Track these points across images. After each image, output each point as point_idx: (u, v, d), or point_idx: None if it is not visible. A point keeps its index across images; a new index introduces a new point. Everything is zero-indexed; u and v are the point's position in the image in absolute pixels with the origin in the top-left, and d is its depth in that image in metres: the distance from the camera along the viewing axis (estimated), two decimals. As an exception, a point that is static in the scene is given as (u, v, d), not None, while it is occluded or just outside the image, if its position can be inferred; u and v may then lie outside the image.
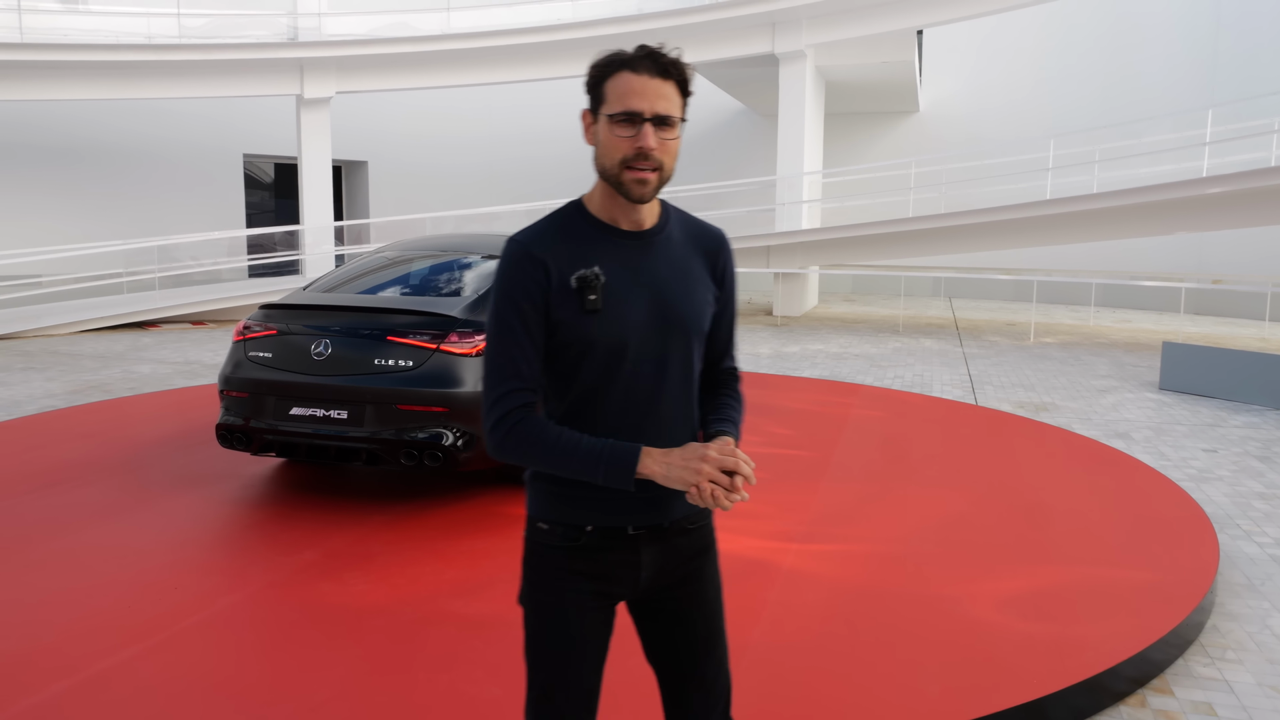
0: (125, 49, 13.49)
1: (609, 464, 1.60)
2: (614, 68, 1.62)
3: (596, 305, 1.64)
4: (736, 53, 16.26)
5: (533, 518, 1.78)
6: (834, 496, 5.25)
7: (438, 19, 16.20)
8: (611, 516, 1.72)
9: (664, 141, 1.64)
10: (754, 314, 16.81)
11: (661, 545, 1.77)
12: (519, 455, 1.64)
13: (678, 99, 1.65)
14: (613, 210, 1.71)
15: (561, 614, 1.74)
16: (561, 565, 1.74)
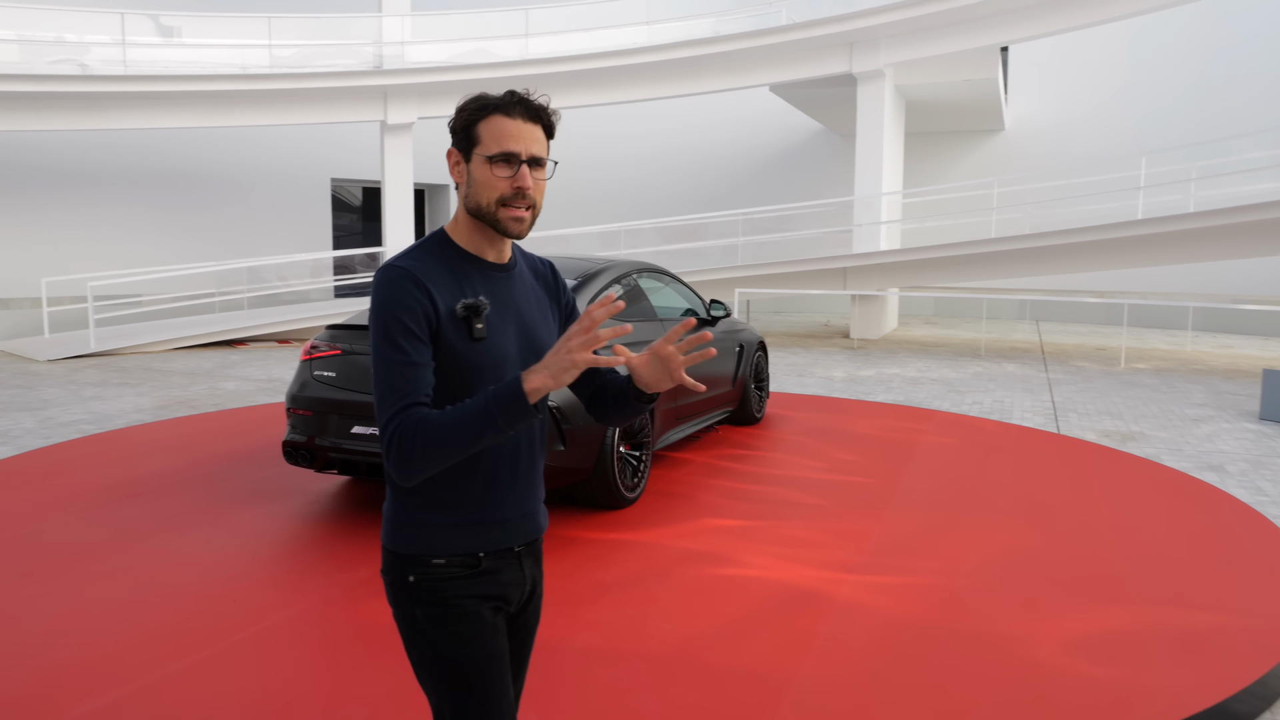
0: (220, 79, 14.11)
1: (499, 405, 1.57)
2: (487, 111, 1.70)
3: (483, 334, 1.69)
4: (813, 73, 16.14)
5: (420, 557, 1.74)
6: (897, 526, 5.09)
7: (516, 45, 16.51)
8: (503, 538, 1.79)
9: (537, 181, 1.73)
10: (830, 337, 16.56)
11: (533, 559, 1.88)
12: (420, 454, 1.60)
13: (545, 142, 1.74)
14: (480, 243, 1.77)
15: (479, 636, 1.76)
16: (465, 592, 1.76)
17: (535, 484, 1.86)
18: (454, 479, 1.74)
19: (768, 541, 4.80)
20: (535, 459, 1.85)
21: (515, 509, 1.80)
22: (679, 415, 6.27)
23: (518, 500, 1.80)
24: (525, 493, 1.82)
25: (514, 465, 1.79)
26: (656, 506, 5.44)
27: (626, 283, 6.17)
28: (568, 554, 4.59)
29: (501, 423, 1.58)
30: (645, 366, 1.76)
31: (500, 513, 1.78)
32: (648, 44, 16.27)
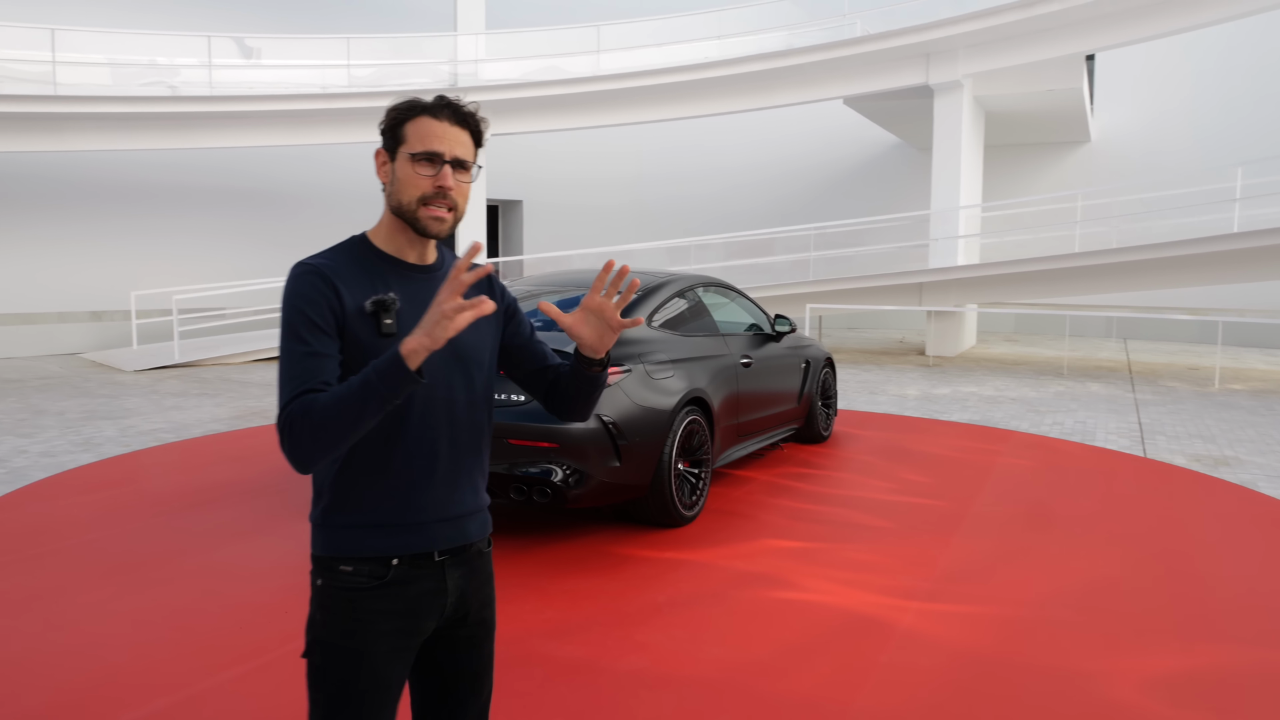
0: (301, 99, 14.50)
1: (379, 371, 1.53)
2: (415, 112, 1.72)
3: (393, 329, 1.68)
4: (888, 85, 15.84)
5: (330, 560, 1.72)
6: (966, 552, 4.86)
7: (588, 61, 16.60)
8: (419, 542, 1.74)
9: (459, 184, 1.73)
10: (904, 354, 16.17)
11: (463, 569, 1.81)
12: (308, 436, 1.56)
13: (473, 147, 1.76)
14: (400, 245, 1.77)
15: (370, 660, 1.70)
16: (368, 607, 1.71)
17: (462, 488, 1.79)
18: (366, 478, 1.71)
19: (828, 564, 4.63)
20: (461, 461, 1.79)
21: (434, 513, 1.75)
22: (740, 432, 6.13)
23: (437, 503, 1.75)
24: (448, 496, 1.77)
25: (431, 466, 1.74)
26: (715, 525, 5.31)
27: (688, 297, 6.07)
28: (621, 572, 4.49)
29: (383, 389, 1.52)
30: (582, 325, 1.77)
31: (414, 515, 1.73)
32: (719, 58, 16.19)
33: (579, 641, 3.68)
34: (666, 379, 5.17)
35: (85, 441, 7.84)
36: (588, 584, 4.33)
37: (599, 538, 5.03)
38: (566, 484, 4.66)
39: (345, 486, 1.72)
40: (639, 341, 5.23)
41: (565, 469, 4.66)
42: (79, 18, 14.63)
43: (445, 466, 1.77)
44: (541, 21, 18.52)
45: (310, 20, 17.49)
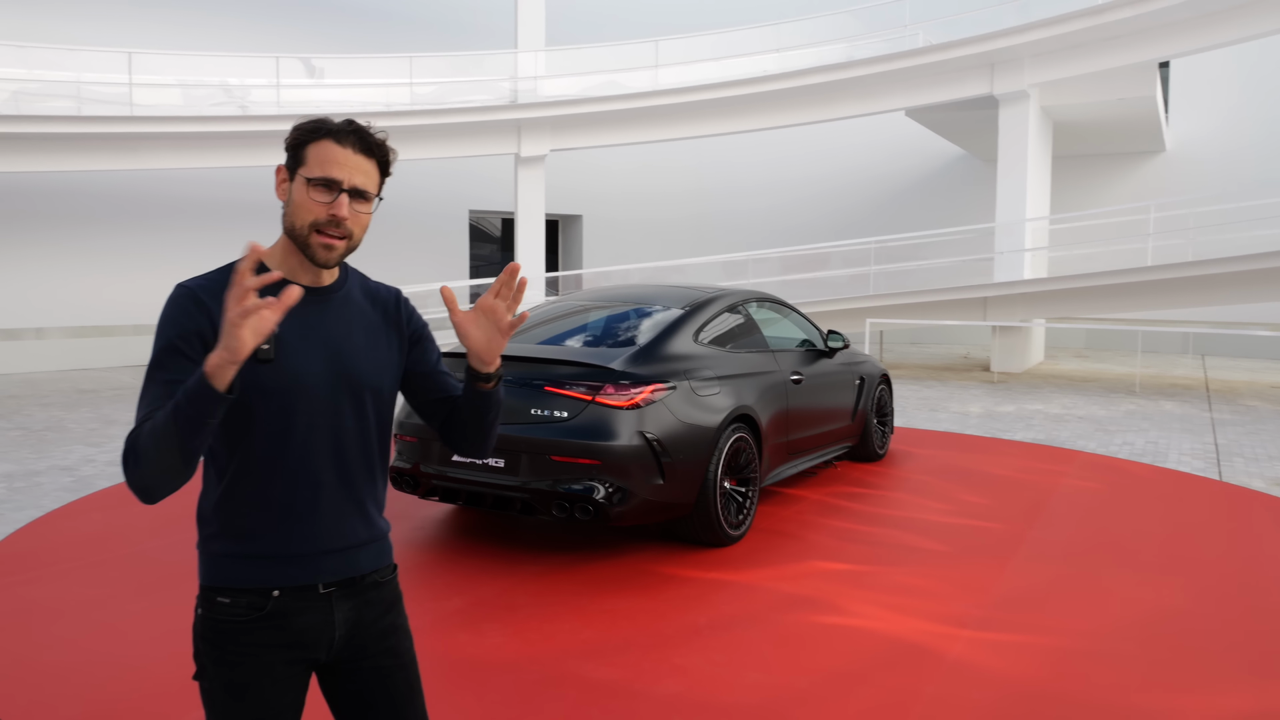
0: (364, 116, 14.69)
1: (187, 397, 1.45)
2: (319, 135, 1.67)
3: (269, 355, 1.59)
4: (951, 96, 15.55)
5: (210, 590, 1.68)
6: (1023, 578, 4.67)
7: (646, 76, 16.63)
8: (301, 574, 1.69)
9: (356, 213, 1.68)
10: (968, 370, 15.79)
11: (354, 601, 1.74)
12: (138, 464, 1.51)
13: (377, 177, 1.71)
14: (293, 266, 1.72)
15: (254, 690, 1.66)
16: (247, 640, 1.66)
17: (350, 517, 1.73)
18: (246, 507, 1.67)
19: (877, 589, 4.49)
20: (351, 490, 1.73)
21: (317, 544, 1.69)
22: (791, 450, 6.01)
23: (321, 534, 1.70)
24: (333, 526, 1.71)
25: (314, 496, 1.69)
26: (762, 545, 5.20)
27: (737, 312, 5.98)
28: (662, 592, 4.42)
29: (190, 410, 1.45)
30: (472, 324, 1.71)
31: (297, 546, 1.68)
32: (778, 71, 16.08)
33: (615, 663, 3.62)
34: (712, 396, 5.09)
35: (150, 452, 8.04)
36: (628, 604, 4.27)
37: (642, 556, 4.96)
38: (609, 501, 4.61)
39: (227, 515, 1.68)
40: (685, 358, 5.17)
41: (608, 486, 4.61)
42: (155, 41, 15.17)
43: (331, 496, 1.71)
44: (601, 37, 18.63)
45: (375, 39, 17.87)
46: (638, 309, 5.68)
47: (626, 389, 4.71)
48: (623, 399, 4.68)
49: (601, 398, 4.68)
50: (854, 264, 16.65)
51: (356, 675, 1.77)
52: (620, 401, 4.67)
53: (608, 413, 4.66)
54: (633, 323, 5.49)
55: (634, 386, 4.73)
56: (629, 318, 5.58)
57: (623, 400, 4.68)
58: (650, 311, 5.60)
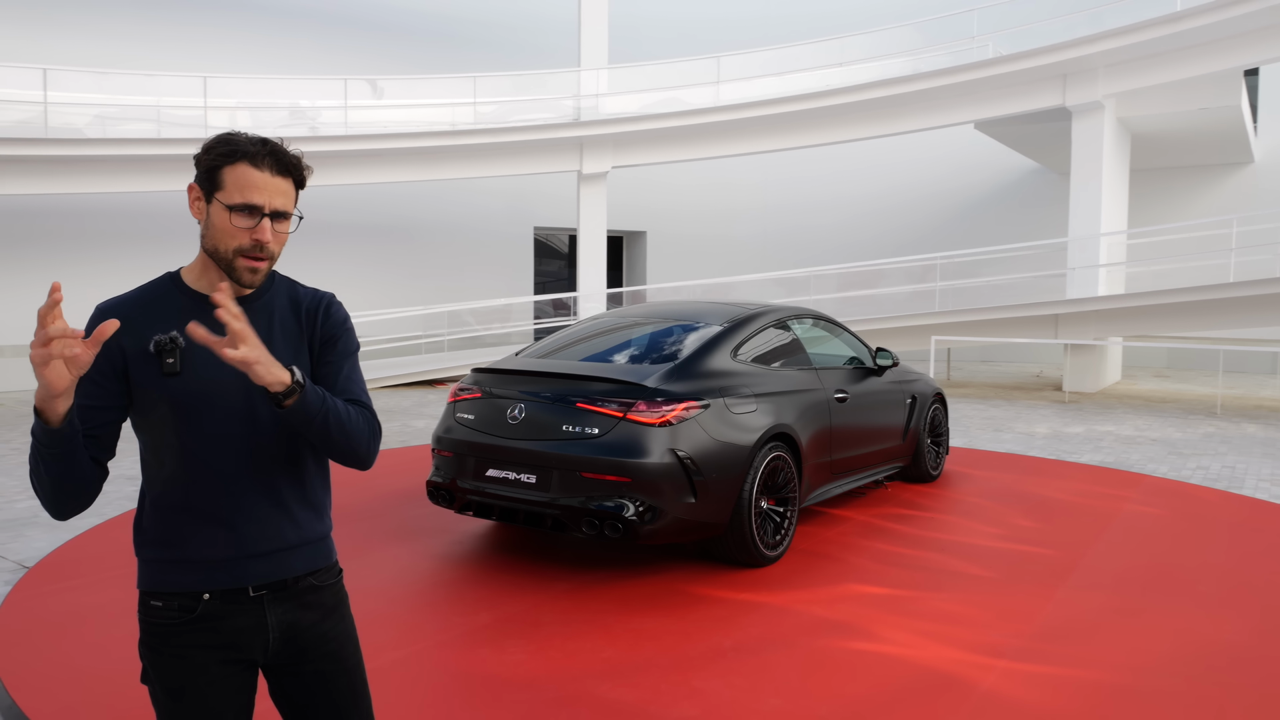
0: (430, 136, 15.10)
1: (34, 431, 1.55)
2: (235, 158, 1.67)
3: (174, 369, 1.67)
4: (1021, 108, 15.18)
5: (145, 595, 1.75)
6: (1069, 607, 4.47)
7: (707, 92, 16.63)
8: (228, 578, 1.72)
9: (278, 234, 1.72)
10: (1039, 389, 15.31)
11: (288, 604, 1.77)
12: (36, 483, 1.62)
13: (293, 194, 1.74)
14: (212, 281, 1.76)
15: (191, 690, 1.70)
16: (181, 642, 1.71)
17: (275, 522, 1.76)
18: (169, 515, 1.72)
19: (913, 615, 4.35)
20: (273, 495, 1.75)
21: (243, 548, 1.73)
22: (834, 470, 5.88)
23: (246, 539, 1.73)
24: (259, 532, 1.74)
25: (235, 502, 1.72)
26: (799, 567, 5.09)
27: (780, 329, 5.90)
28: (690, 613, 4.35)
29: (37, 444, 1.55)
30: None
31: (221, 551, 1.72)
32: (842, 85, 15.91)
33: (633, 684, 3.57)
34: (748, 414, 5.01)
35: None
36: (654, 623, 4.21)
37: (674, 576, 4.90)
38: (639, 519, 4.57)
39: (155, 522, 1.74)
40: (721, 375, 5.10)
41: (638, 504, 4.57)
42: (230, 65, 15.75)
43: (254, 501, 1.73)
44: (662, 54, 18.70)
45: (440, 60, 18.25)
46: (678, 325, 5.64)
47: (658, 406, 4.67)
48: (654, 416, 4.64)
49: (633, 415, 4.65)
50: (919, 280, 16.33)
51: (298, 678, 1.80)
52: (651, 419, 4.63)
53: (639, 430, 4.62)
54: (671, 339, 5.45)
55: (666, 404, 4.69)
56: (668, 334, 5.54)
57: (654, 417, 4.64)
58: (690, 328, 5.56)
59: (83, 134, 13.36)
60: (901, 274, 16.83)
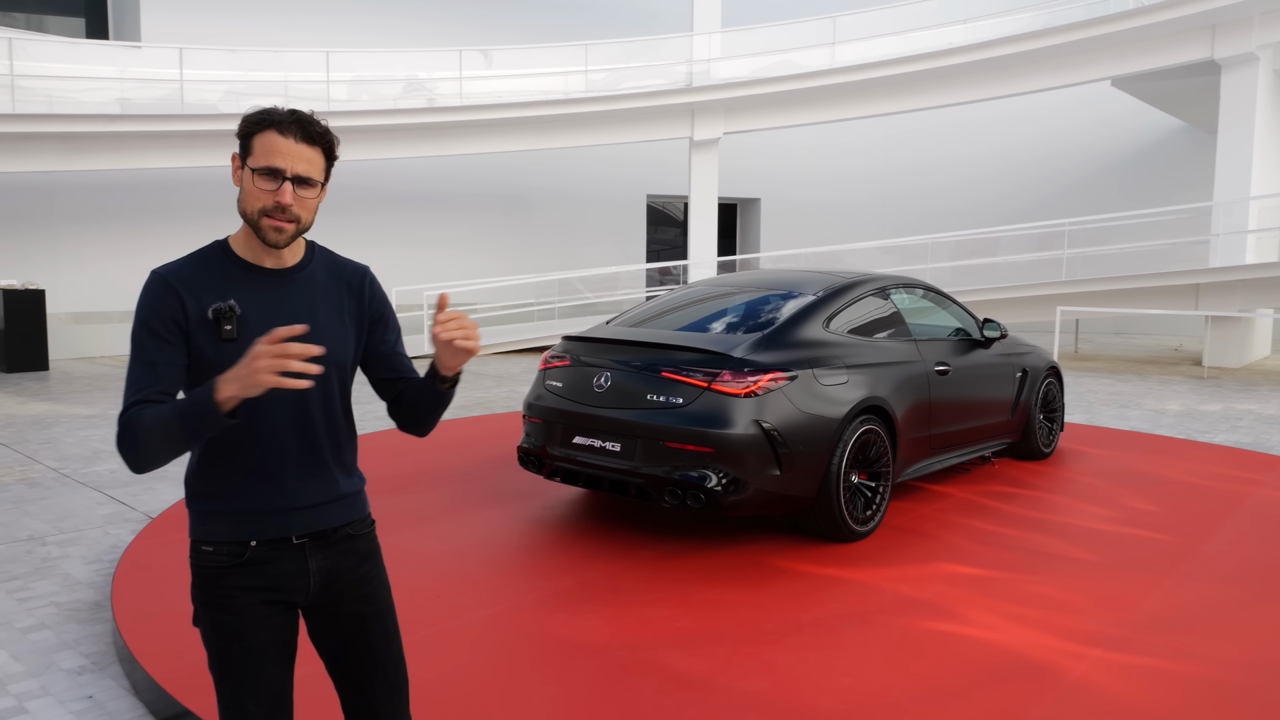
0: (542, 105, 15.25)
1: (191, 410, 1.64)
2: (263, 126, 1.77)
3: (232, 335, 1.77)
4: (1164, 63, 14.17)
5: (196, 541, 1.87)
6: (1178, 596, 4.21)
7: (823, 54, 16.16)
8: (274, 527, 1.85)
9: (302, 199, 1.79)
10: (1176, 364, 14.40)
11: (327, 551, 1.91)
12: (133, 449, 1.70)
13: (321, 163, 1.81)
14: (256, 250, 1.85)
15: (239, 628, 1.84)
16: (231, 583, 1.84)
17: (317, 477, 1.89)
18: (221, 470, 1.84)
19: (1004, 598, 4.18)
20: (316, 453, 1.88)
21: (288, 501, 1.86)
22: (934, 445, 5.69)
23: (289, 494, 1.86)
24: (301, 487, 1.87)
25: (281, 460, 1.85)
26: (889, 542, 4.96)
27: (878, 299, 5.72)
28: (771, 585, 4.30)
29: (195, 425, 1.64)
30: (442, 344, 1.83)
31: (266, 504, 1.84)
32: (966, 43, 15.20)
33: (704, 655, 3.56)
34: (838, 386, 4.89)
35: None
36: (732, 595, 4.19)
37: (758, 548, 4.85)
38: (723, 490, 4.53)
39: (204, 477, 1.86)
40: (812, 345, 4.99)
41: (721, 475, 4.54)
42: (351, 40, 16.26)
43: (298, 459, 1.86)
44: (776, 16, 18.26)
45: (553, 28, 18.35)
46: (772, 294, 5.54)
47: (743, 376, 4.61)
48: (739, 386, 4.58)
49: (718, 385, 4.61)
50: (1043, 247, 15.54)
51: (335, 620, 1.95)
52: (736, 389, 4.58)
53: (723, 400, 4.58)
54: (763, 309, 5.36)
55: (751, 374, 4.62)
56: (761, 303, 5.45)
57: (739, 388, 4.58)
58: (783, 297, 5.45)
59: (216, 109, 14.08)
60: (1024, 241, 16.07)
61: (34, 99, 13.02)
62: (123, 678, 3.53)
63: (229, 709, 1.89)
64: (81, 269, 14.40)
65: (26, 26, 15.39)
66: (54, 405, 9.72)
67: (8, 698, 3.37)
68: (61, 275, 14.17)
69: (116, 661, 3.67)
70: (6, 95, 12.70)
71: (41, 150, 12.77)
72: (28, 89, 13.00)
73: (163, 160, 13.58)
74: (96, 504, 5.90)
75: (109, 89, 13.78)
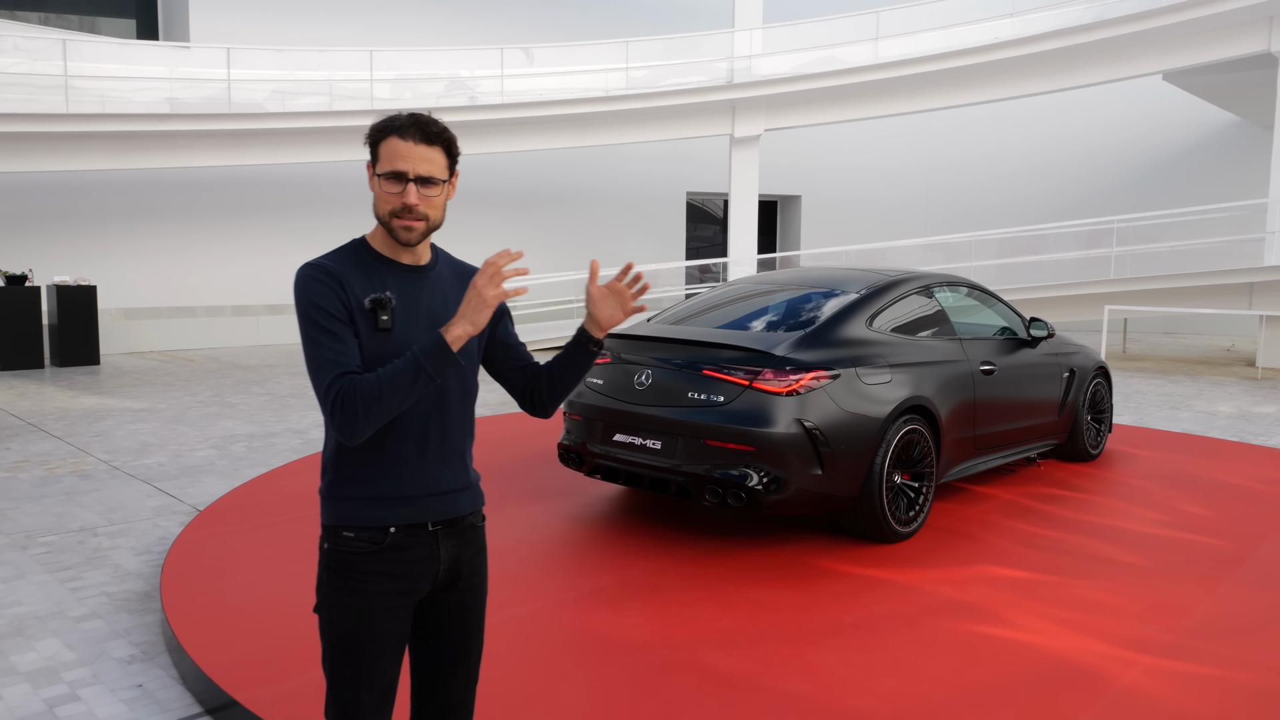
0: (583, 102, 15.27)
1: (426, 355, 1.78)
2: (386, 133, 1.88)
3: (388, 325, 1.88)
4: (1218, 56, 13.83)
5: (334, 528, 1.94)
6: (1233, 603, 4.11)
7: (865, 50, 15.98)
8: (413, 514, 1.93)
9: (427, 198, 1.89)
10: (1229, 364, 14.06)
11: (456, 539, 2.00)
12: (361, 411, 1.78)
13: (443, 161, 1.91)
14: (393, 247, 1.96)
15: (368, 614, 1.90)
16: (367, 569, 1.91)
17: (450, 466, 1.99)
18: (364, 457, 1.91)
19: (1051, 601, 4.10)
20: (451, 442, 1.98)
21: (424, 487, 1.94)
22: (978, 446, 5.61)
23: (427, 479, 1.95)
24: (436, 473, 1.96)
25: (421, 446, 1.94)
26: (933, 544, 4.90)
27: (922, 298, 5.64)
28: (812, 586, 4.27)
29: (430, 369, 1.77)
30: (603, 299, 2.01)
31: (407, 489, 1.93)
32: (1013, 37, 14.96)
33: (745, 654, 3.54)
34: (881, 385, 4.83)
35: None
36: (774, 595, 4.16)
37: (800, 548, 4.82)
38: (764, 489, 4.50)
39: (346, 464, 1.93)
40: (855, 344, 4.94)
41: (762, 474, 4.51)
42: (394, 39, 16.41)
43: (435, 447, 1.96)
44: (819, 11, 18.11)
45: (593, 24, 18.36)
46: (814, 292, 5.49)
47: (785, 375, 4.57)
48: (780, 385, 4.55)
49: (759, 383, 4.57)
50: (1091, 245, 15.25)
51: (442, 605, 2.03)
52: (778, 387, 4.55)
53: (765, 398, 4.55)
54: (805, 307, 5.32)
55: (793, 373, 4.58)
56: (803, 301, 5.41)
57: (780, 386, 4.55)
58: (825, 295, 5.40)
59: (263, 108, 14.29)
60: (1071, 239, 15.78)
61: (87, 99, 13.30)
62: (171, 667, 3.59)
63: (342, 696, 1.94)
64: (131, 265, 14.70)
65: (79, 28, 15.74)
66: (105, 399, 9.94)
67: (60, 685, 3.44)
68: (112, 271, 14.48)
69: (165, 651, 3.73)
70: (61, 96, 12.99)
71: (94, 149, 13.05)
72: (81, 89, 13.28)
73: (211, 159, 13.82)
74: (146, 496, 6.02)
75: (159, 89, 14.04)
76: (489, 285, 1.77)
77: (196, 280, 15.28)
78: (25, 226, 13.88)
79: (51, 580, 4.50)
